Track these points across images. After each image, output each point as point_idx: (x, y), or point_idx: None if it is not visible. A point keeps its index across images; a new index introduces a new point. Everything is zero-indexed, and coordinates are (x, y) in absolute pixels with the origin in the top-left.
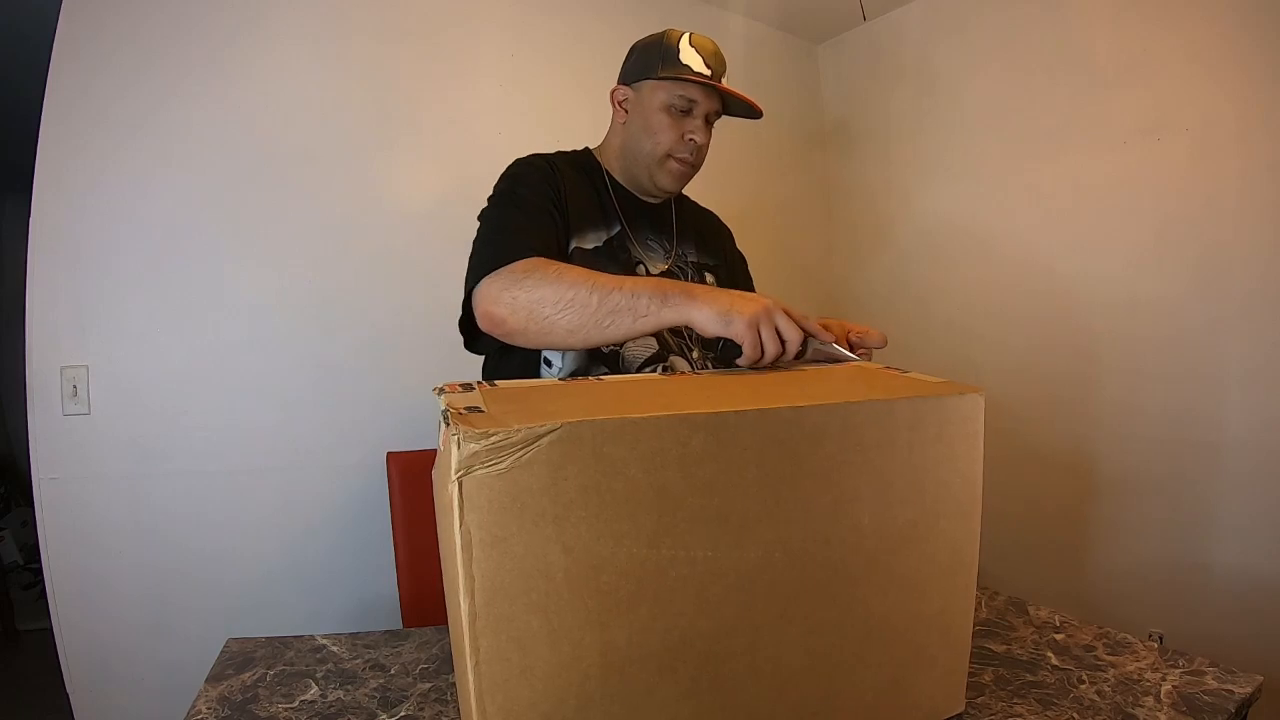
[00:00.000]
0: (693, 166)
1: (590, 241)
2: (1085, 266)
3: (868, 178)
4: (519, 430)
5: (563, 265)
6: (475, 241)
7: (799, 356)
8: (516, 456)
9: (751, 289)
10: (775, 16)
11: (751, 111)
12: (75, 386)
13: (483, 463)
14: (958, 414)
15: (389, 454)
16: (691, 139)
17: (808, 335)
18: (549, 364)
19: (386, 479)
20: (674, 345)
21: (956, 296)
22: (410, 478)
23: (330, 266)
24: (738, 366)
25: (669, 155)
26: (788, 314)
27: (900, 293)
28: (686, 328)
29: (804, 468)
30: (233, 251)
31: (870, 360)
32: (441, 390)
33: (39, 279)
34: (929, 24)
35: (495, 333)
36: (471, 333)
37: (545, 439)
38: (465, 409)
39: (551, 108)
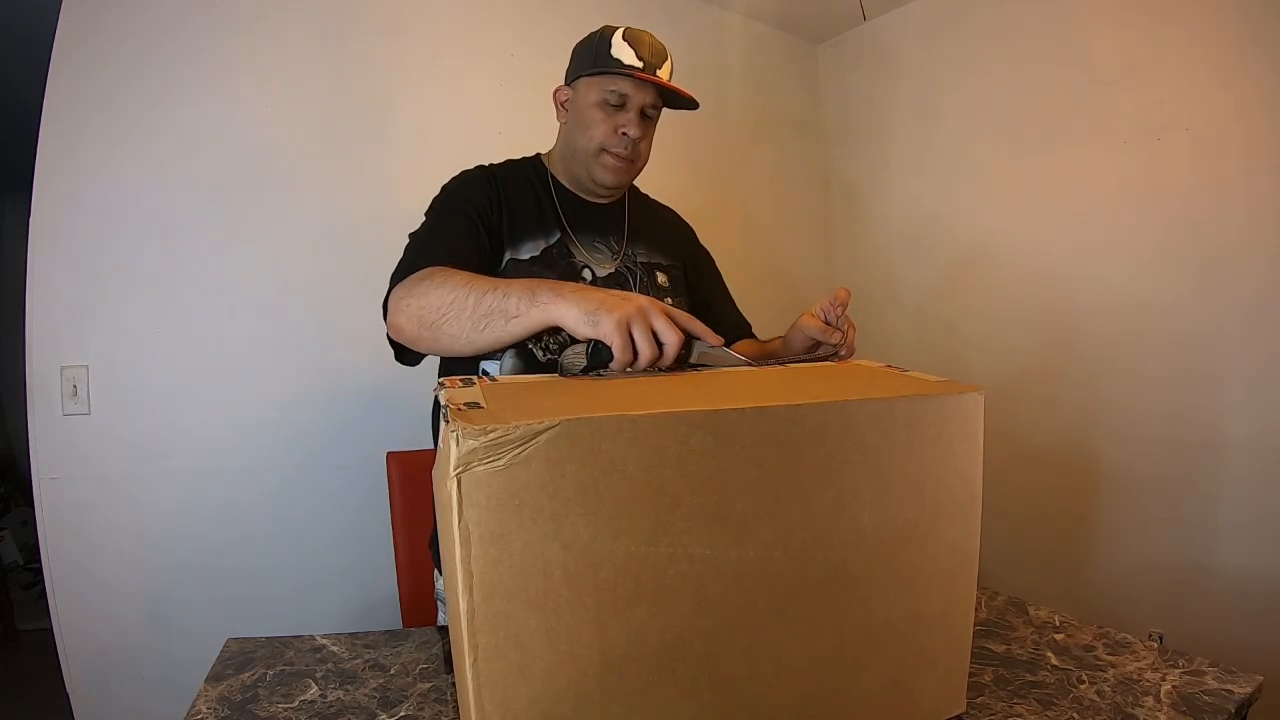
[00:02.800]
0: (630, 161)
1: (527, 252)
2: (1085, 267)
3: (867, 177)
4: (517, 427)
5: (453, 271)
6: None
7: (683, 362)
8: (515, 453)
9: (721, 286)
10: (775, 16)
11: (688, 102)
12: (75, 386)
13: (481, 459)
14: (957, 413)
15: (389, 454)
16: (624, 133)
17: (693, 339)
18: (488, 375)
19: (386, 479)
20: None
21: (956, 297)
22: (410, 478)
23: (330, 266)
24: (608, 371)
25: (603, 149)
26: (668, 315)
27: (899, 293)
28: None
29: (803, 466)
30: (233, 251)
31: (851, 340)
32: (441, 385)
33: (39, 279)
34: (929, 24)
35: (401, 340)
36: (397, 344)
37: (544, 436)
38: (465, 404)
39: (551, 108)
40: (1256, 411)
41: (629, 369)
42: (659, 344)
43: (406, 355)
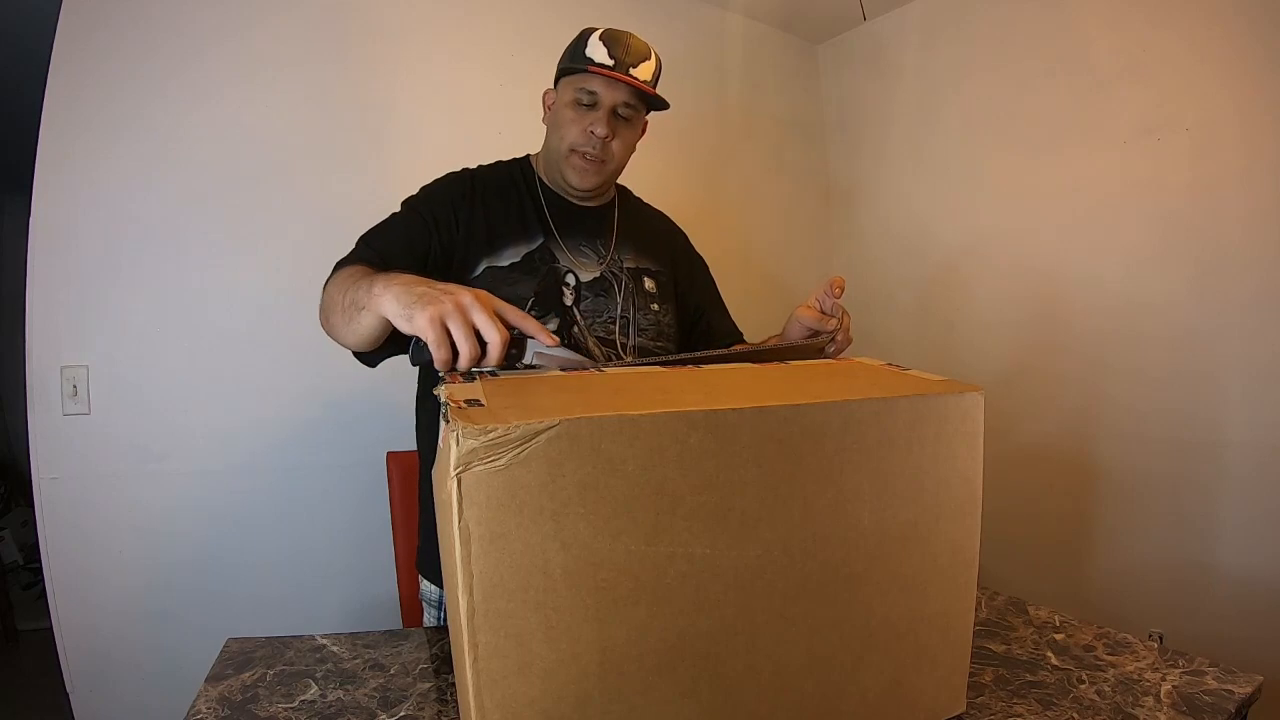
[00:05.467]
0: (599, 163)
1: (507, 258)
2: (1085, 266)
3: (867, 177)
4: (518, 427)
5: (357, 267)
6: None
7: (515, 361)
8: (515, 453)
9: (714, 293)
10: (775, 16)
11: (659, 102)
12: (75, 386)
13: (481, 459)
14: (957, 412)
15: (389, 454)
16: (592, 132)
17: (525, 337)
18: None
19: (386, 479)
20: (600, 357)
21: (956, 297)
22: (410, 478)
23: (330, 265)
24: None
25: (573, 150)
26: (494, 311)
27: (899, 293)
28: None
29: (803, 466)
30: (233, 251)
31: (847, 327)
32: (442, 382)
33: (39, 279)
34: (929, 24)
35: (326, 331)
36: None
37: (543, 435)
38: (465, 402)
39: None
40: (1256, 410)
41: (452, 369)
42: (483, 342)
43: (361, 356)
